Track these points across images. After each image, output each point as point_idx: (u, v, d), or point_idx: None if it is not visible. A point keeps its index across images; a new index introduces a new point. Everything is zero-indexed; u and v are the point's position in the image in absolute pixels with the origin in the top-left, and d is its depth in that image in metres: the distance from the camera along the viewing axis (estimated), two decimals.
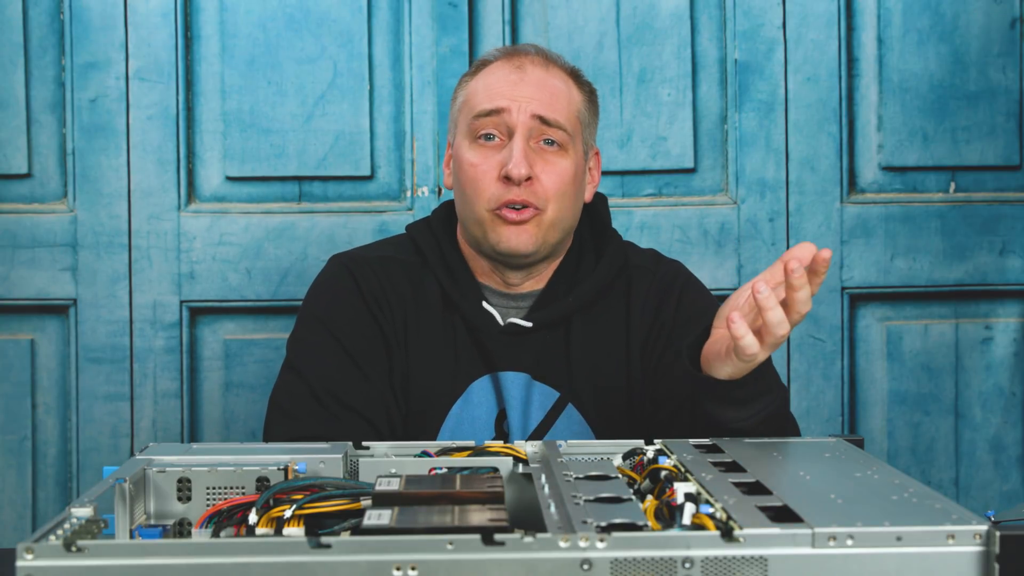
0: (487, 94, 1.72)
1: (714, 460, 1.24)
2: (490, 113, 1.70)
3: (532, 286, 1.78)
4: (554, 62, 1.76)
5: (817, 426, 2.48)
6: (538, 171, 1.69)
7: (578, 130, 1.74)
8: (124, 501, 1.12)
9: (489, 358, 1.73)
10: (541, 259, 1.74)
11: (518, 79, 1.72)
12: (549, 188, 1.69)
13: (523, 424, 1.71)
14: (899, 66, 2.48)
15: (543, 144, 1.70)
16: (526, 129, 1.69)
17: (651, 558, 0.96)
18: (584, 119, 1.76)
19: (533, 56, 1.75)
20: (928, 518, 1.01)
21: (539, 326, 1.74)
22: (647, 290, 1.78)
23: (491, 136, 1.71)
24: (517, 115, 1.69)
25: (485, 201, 1.69)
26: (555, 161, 1.70)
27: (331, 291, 1.76)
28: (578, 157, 1.74)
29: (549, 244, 1.72)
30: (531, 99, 1.70)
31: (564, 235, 1.74)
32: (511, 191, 1.67)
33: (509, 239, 1.69)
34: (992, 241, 2.50)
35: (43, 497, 2.44)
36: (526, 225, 1.68)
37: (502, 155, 1.69)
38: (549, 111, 1.70)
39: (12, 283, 2.42)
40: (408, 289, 1.75)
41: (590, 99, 1.79)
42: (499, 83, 1.72)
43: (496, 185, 1.68)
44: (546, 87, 1.72)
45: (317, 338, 1.72)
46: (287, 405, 1.69)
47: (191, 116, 2.44)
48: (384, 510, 1.07)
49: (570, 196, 1.72)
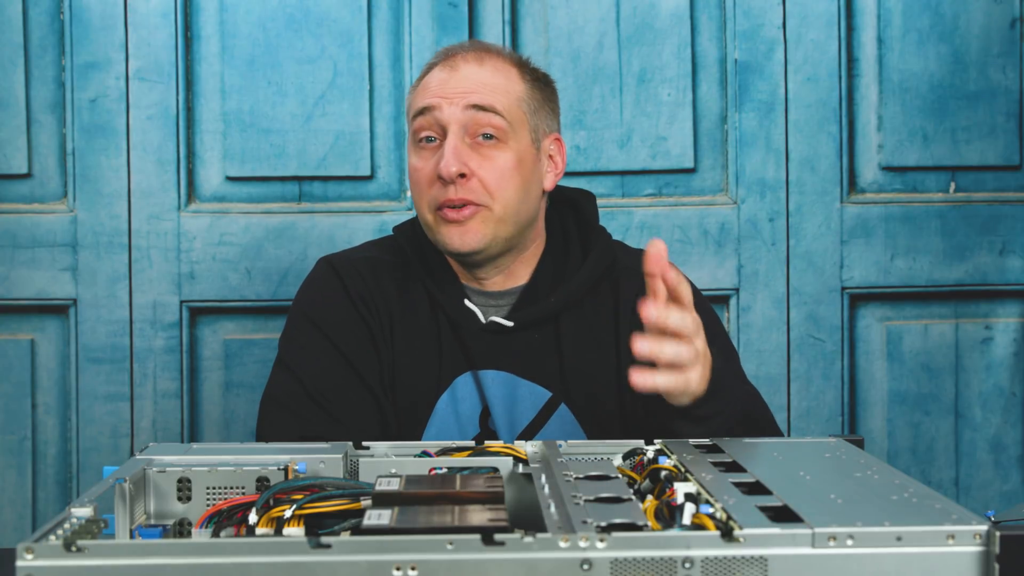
0: (422, 95, 1.73)
1: (714, 460, 1.24)
2: (423, 112, 1.71)
3: (505, 282, 1.78)
4: (492, 54, 1.75)
5: (817, 426, 2.48)
6: (474, 167, 1.68)
7: (520, 119, 1.72)
8: (124, 501, 1.12)
9: (470, 356, 1.73)
10: (499, 254, 1.73)
11: (448, 76, 1.72)
12: (489, 182, 1.68)
13: (510, 423, 1.72)
14: (899, 66, 2.48)
15: (480, 139, 1.69)
16: (459, 125, 1.69)
17: (651, 558, 0.96)
18: (528, 107, 1.74)
19: (467, 52, 1.75)
20: (928, 518, 1.01)
21: (521, 326, 1.74)
22: (637, 292, 1.77)
23: (431, 138, 1.71)
24: (448, 111, 1.69)
25: (427, 203, 1.70)
26: (493, 155, 1.69)
27: (319, 291, 1.78)
28: (522, 147, 1.72)
29: (502, 239, 1.71)
30: (463, 93, 1.69)
31: (519, 228, 1.73)
32: (447, 191, 1.67)
33: (452, 239, 1.69)
34: (992, 241, 2.50)
35: (43, 497, 2.44)
36: (469, 223, 1.68)
37: (438, 155, 1.69)
38: (482, 99, 1.69)
39: (12, 283, 2.42)
40: (393, 289, 1.76)
41: (536, 86, 1.76)
42: (432, 83, 1.73)
43: (435, 186, 1.69)
44: (479, 79, 1.71)
45: (307, 336, 1.74)
46: (280, 401, 1.70)
47: (191, 116, 2.44)
48: (384, 510, 1.07)
49: (516, 187, 1.70)
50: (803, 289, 2.48)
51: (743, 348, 2.46)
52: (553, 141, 1.79)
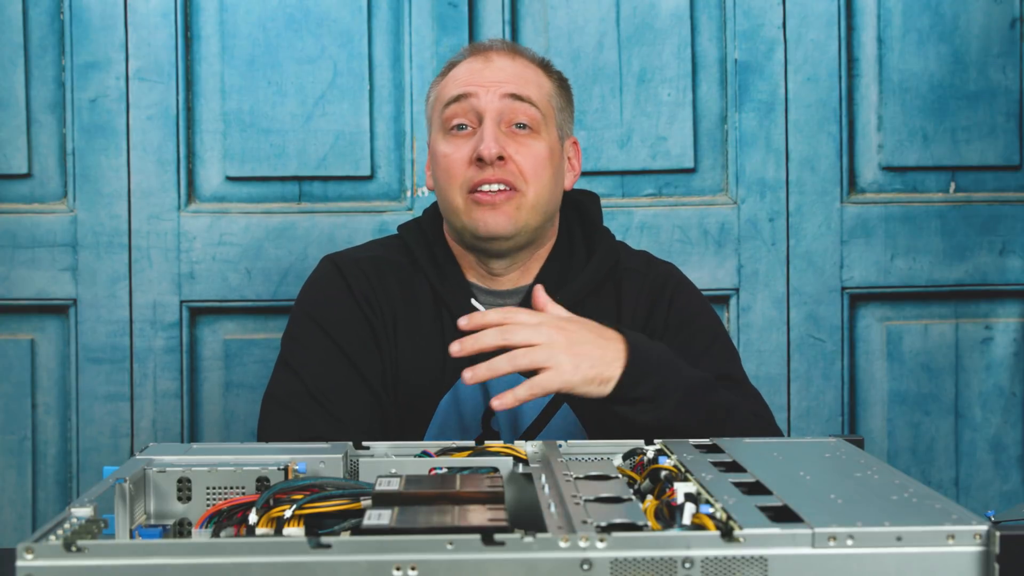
0: (455, 84, 1.74)
1: (714, 460, 1.24)
2: (459, 99, 1.72)
3: (518, 280, 1.78)
4: (521, 52, 1.79)
5: (817, 426, 2.48)
6: (511, 152, 1.69)
7: (551, 113, 1.75)
8: (124, 501, 1.12)
9: (475, 356, 1.73)
10: (523, 245, 1.74)
11: (484, 66, 1.74)
12: (525, 168, 1.70)
13: (512, 422, 1.72)
14: (899, 66, 2.48)
15: (515, 128, 1.71)
16: (496, 112, 1.70)
17: (651, 558, 0.96)
18: (557, 104, 1.77)
19: (499, 48, 1.78)
20: (928, 518, 1.01)
21: None
22: (638, 293, 1.78)
23: (463, 126, 1.72)
24: (485, 99, 1.70)
25: (459, 186, 1.70)
26: (528, 143, 1.71)
27: (322, 290, 1.78)
28: (552, 140, 1.74)
29: (530, 227, 1.72)
30: (500, 82, 1.72)
31: (545, 219, 1.74)
32: (484, 172, 1.68)
33: (487, 221, 1.69)
34: (992, 241, 2.50)
35: (43, 497, 2.44)
36: (504, 206, 1.69)
37: (474, 140, 1.70)
38: (519, 89, 1.72)
39: (12, 283, 2.42)
40: (397, 288, 1.76)
41: (561, 87, 1.80)
42: (466, 73, 1.74)
43: (469, 169, 1.69)
44: (513, 71, 1.74)
45: (310, 336, 1.74)
46: (282, 400, 1.70)
47: (191, 116, 2.44)
48: (384, 510, 1.07)
49: (548, 177, 1.72)
50: (803, 289, 2.48)
51: (743, 348, 2.46)
52: (572, 144, 1.83)
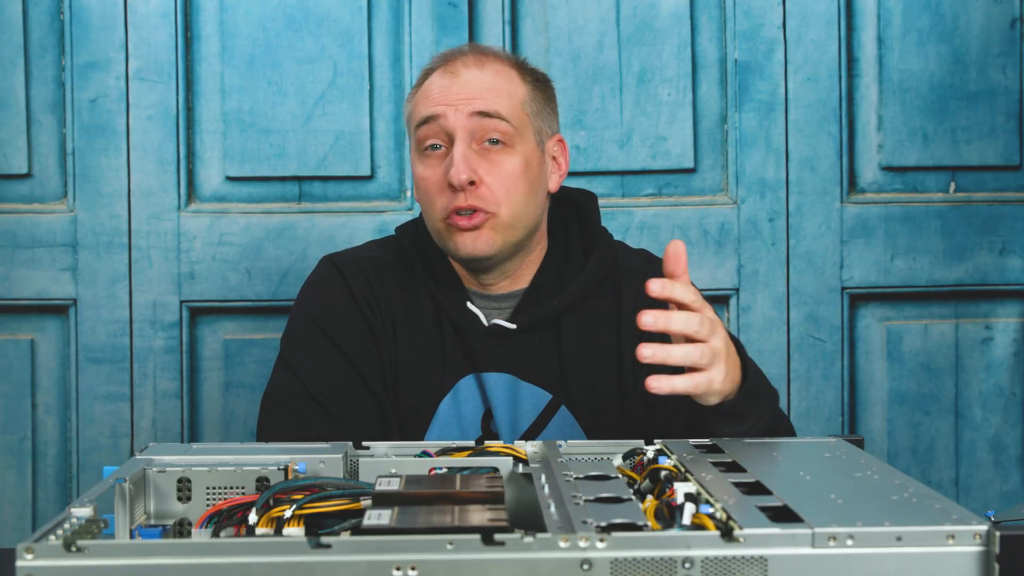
0: (425, 103, 1.72)
1: (714, 460, 1.24)
2: (427, 120, 1.70)
3: (511, 286, 1.77)
4: (491, 57, 1.75)
5: (817, 426, 2.48)
6: (483, 173, 1.67)
7: (524, 121, 1.72)
8: (124, 501, 1.12)
9: (473, 358, 1.73)
10: (506, 259, 1.74)
11: (450, 83, 1.71)
12: (497, 190, 1.68)
13: (512, 425, 1.72)
14: (899, 66, 2.48)
15: (487, 144, 1.69)
16: (466, 132, 1.68)
17: (651, 558, 0.96)
18: (531, 109, 1.74)
19: (467, 57, 1.74)
20: (928, 518, 1.01)
21: (523, 328, 1.74)
22: (637, 293, 1.77)
23: (436, 146, 1.70)
24: (454, 118, 1.68)
25: (437, 212, 1.69)
26: (500, 160, 1.69)
27: (322, 290, 1.78)
28: (528, 149, 1.72)
29: (511, 244, 1.71)
30: (467, 99, 1.69)
31: (527, 232, 1.73)
32: (457, 198, 1.67)
33: (465, 245, 1.68)
34: (992, 241, 2.50)
35: (43, 497, 2.44)
36: (480, 230, 1.68)
37: (446, 163, 1.68)
38: (486, 105, 1.69)
39: (12, 283, 2.42)
40: (396, 289, 1.76)
41: (537, 87, 1.76)
42: (434, 90, 1.72)
43: (444, 194, 1.68)
44: (482, 84, 1.70)
45: (309, 336, 1.73)
46: (282, 401, 1.70)
47: (191, 116, 2.44)
48: (384, 510, 1.07)
49: (523, 192, 1.70)
50: (803, 289, 2.48)
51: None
52: (556, 143, 1.79)
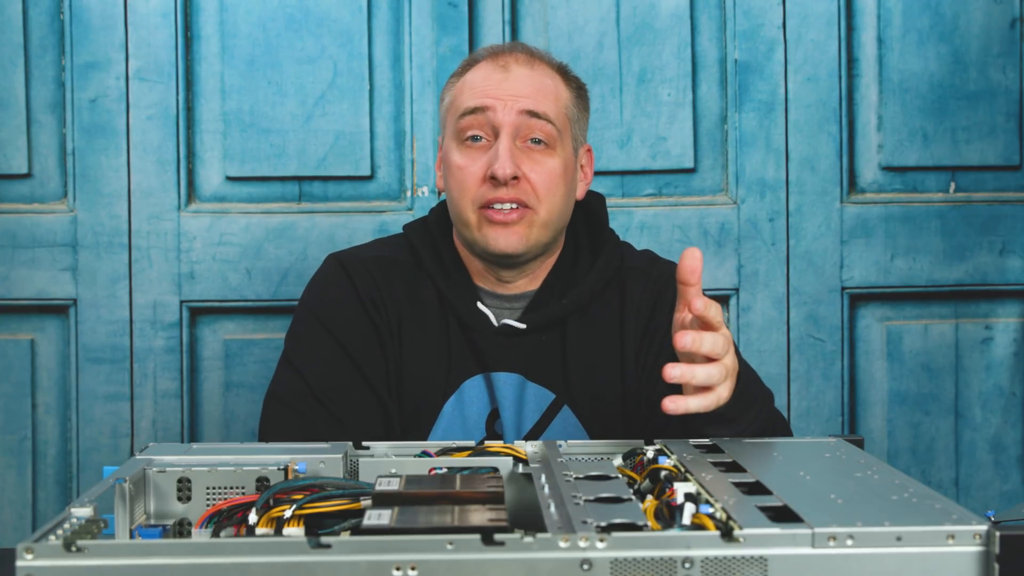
0: (471, 93, 1.71)
1: (714, 460, 1.24)
2: (474, 111, 1.69)
3: (526, 286, 1.77)
4: (540, 59, 1.76)
5: (817, 426, 2.48)
6: (526, 170, 1.68)
7: (567, 126, 1.73)
8: (124, 501, 1.12)
9: (482, 358, 1.73)
10: (533, 258, 1.74)
11: (503, 77, 1.71)
12: (539, 186, 1.68)
13: (516, 425, 1.72)
14: (899, 66, 2.48)
15: (530, 143, 1.69)
16: (512, 128, 1.68)
17: (651, 558, 0.96)
18: (573, 115, 1.75)
19: (519, 55, 1.74)
20: (928, 518, 1.01)
21: (533, 328, 1.73)
22: (641, 292, 1.77)
23: (478, 137, 1.70)
24: (502, 113, 1.68)
25: (471, 201, 1.69)
26: (543, 160, 1.69)
27: (327, 289, 1.77)
28: (567, 154, 1.73)
29: (541, 244, 1.71)
30: (517, 96, 1.69)
31: (556, 234, 1.74)
32: (498, 190, 1.67)
33: (497, 240, 1.68)
34: (992, 241, 2.50)
35: (43, 497, 2.44)
36: (515, 226, 1.68)
37: (488, 155, 1.68)
38: (536, 105, 1.69)
39: (12, 283, 2.42)
40: (403, 288, 1.75)
41: (578, 95, 1.78)
42: (483, 82, 1.71)
43: (483, 185, 1.68)
44: (532, 83, 1.71)
45: (314, 335, 1.73)
46: (284, 400, 1.70)
47: (191, 116, 2.44)
48: (384, 510, 1.07)
49: (560, 194, 1.71)
50: (803, 289, 2.48)
51: (743, 348, 2.46)
52: (586, 152, 1.81)
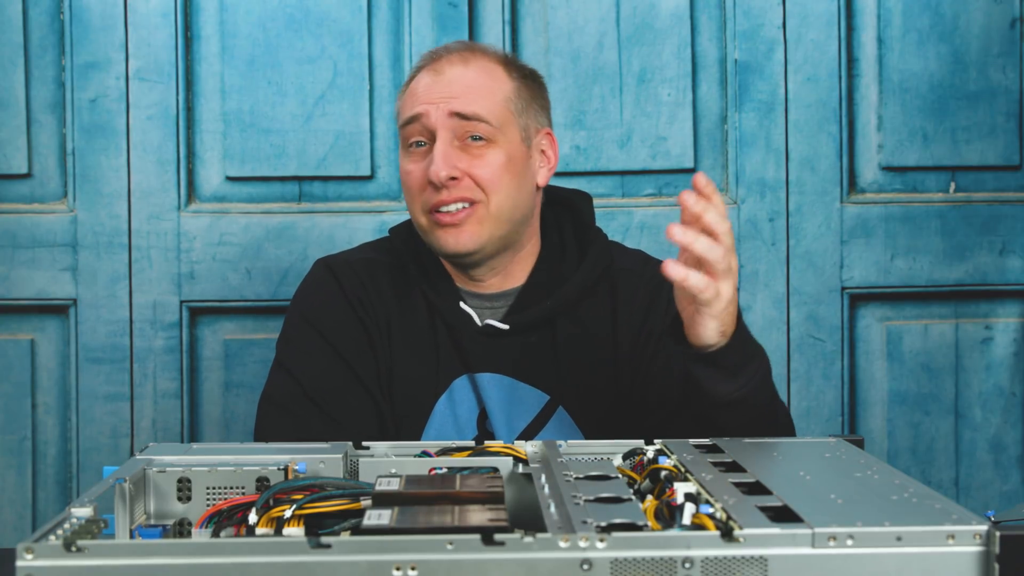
0: (411, 101, 1.73)
1: (714, 460, 1.24)
2: (411, 120, 1.71)
3: (502, 283, 1.77)
4: (478, 54, 1.75)
5: (817, 426, 2.48)
6: (464, 167, 1.68)
7: (507, 119, 1.72)
8: (124, 501, 1.12)
9: (467, 359, 1.73)
10: (495, 254, 1.73)
11: (434, 81, 1.72)
12: (483, 180, 1.68)
13: (508, 425, 1.71)
14: (899, 66, 2.48)
15: (470, 140, 1.70)
16: (447, 130, 1.69)
17: (651, 558, 0.96)
18: (516, 106, 1.73)
19: (452, 55, 1.75)
20: (928, 518, 1.01)
21: (517, 328, 1.73)
22: (634, 293, 1.77)
23: (420, 143, 1.71)
24: (435, 117, 1.69)
25: (420, 206, 1.70)
26: (482, 154, 1.69)
27: (316, 293, 1.78)
28: (512, 146, 1.72)
29: (497, 237, 1.71)
30: (448, 98, 1.70)
31: (513, 225, 1.73)
32: (440, 194, 1.67)
33: (447, 241, 1.69)
34: (992, 241, 2.50)
35: (43, 497, 2.44)
36: (464, 225, 1.68)
37: (428, 159, 1.69)
38: (465, 106, 1.69)
39: (12, 283, 2.42)
40: (390, 290, 1.76)
41: (524, 84, 1.76)
42: (419, 88, 1.73)
43: (427, 190, 1.69)
44: (464, 83, 1.71)
45: (305, 337, 1.74)
46: (278, 402, 1.70)
47: (191, 116, 2.44)
48: (384, 510, 1.07)
49: (509, 184, 1.70)
50: (803, 289, 2.48)
51: None
52: (544, 136, 1.79)
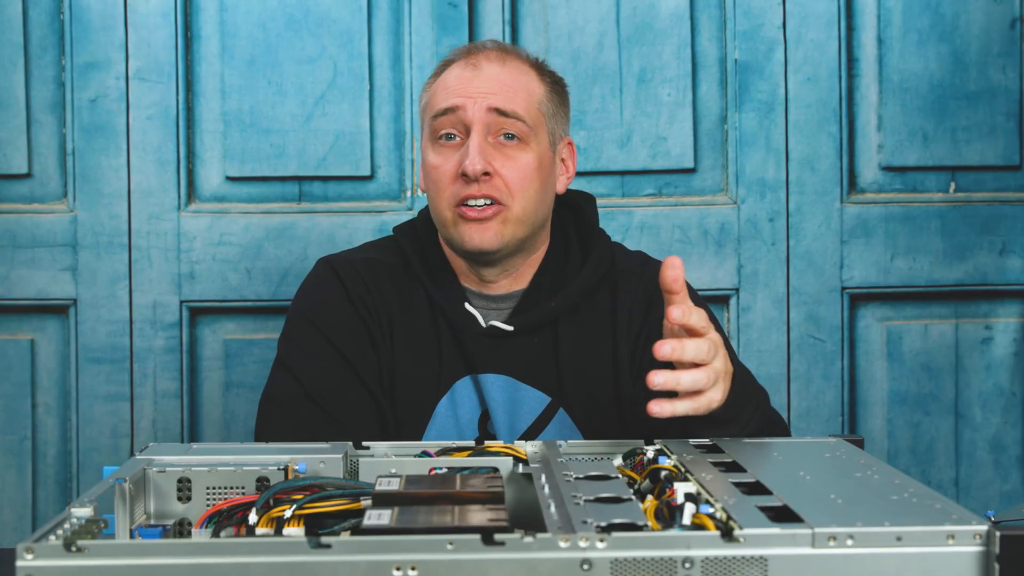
0: (444, 93, 1.72)
1: (714, 460, 1.24)
2: (446, 112, 1.70)
3: (511, 285, 1.77)
4: (513, 55, 1.76)
5: (817, 426, 2.48)
6: (498, 166, 1.68)
7: (540, 121, 1.73)
8: (124, 501, 1.12)
9: (470, 360, 1.73)
10: (511, 255, 1.73)
11: (472, 75, 1.71)
12: (511, 182, 1.68)
13: (510, 427, 1.71)
14: (899, 66, 2.48)
15: (502, 139, 1.70)
16: (483, 125, 1.68)
17: (651, 558, 0.96)
18: (547, 110, 1.74)
19: (489, 52, 1.75)
20: (928, 518, 1.01)
21: (521, 330, 1.73)
22: (634, 294, 1.77)
23: (451, 136, 1.70)
24: (472, 111, 1.68)
25: (446, 200, 1.69)
26: (515, 155, 1.69)
27: (318, 292, 1.78)
28: (542, 149, 1.72)
29: (517, 239, 1.71)
30: (486, 94, 1.69)
31: (533, 229, 1.73)
32: (470, 187, 1.67)
33: (472, 236, 1.68)
34: (992, 241, 2.50)
35: (43, 497, 2.44)
36: (489, 222, 1.68)
37: (461, 153, 1.69)
38: (505, 103, 1.69)
39: (12, 283, 2.42)
40: (392, 290, 1.76)
41: (554, 90, 1.77)
42: (455, 81, 1.72)
43: (456, 183, 1.68)
44: (502, 80, 1.71)
45: (307, 337, 1.73)
46: (279, 402, 1.70)
47: (191, 116, 2.44)
48: (384, 510, 1.07)
49: (535, 189, 1.71)
50: (803, 289, 2.48)
51: (743, 348, 2.46)
52: (566, 145, 1.80)
